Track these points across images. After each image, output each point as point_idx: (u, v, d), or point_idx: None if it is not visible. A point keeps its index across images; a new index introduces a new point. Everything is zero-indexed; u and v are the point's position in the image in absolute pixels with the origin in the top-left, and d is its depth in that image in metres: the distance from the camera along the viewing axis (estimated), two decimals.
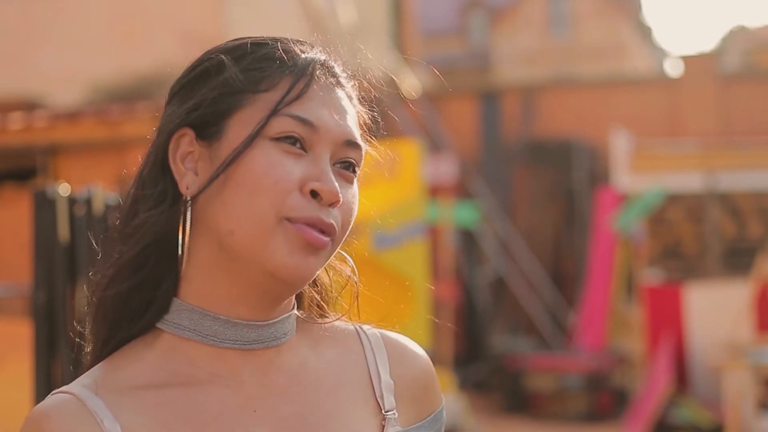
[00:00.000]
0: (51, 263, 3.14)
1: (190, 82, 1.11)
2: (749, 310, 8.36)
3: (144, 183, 1.09)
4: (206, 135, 1.07)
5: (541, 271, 13.45)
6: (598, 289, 11.19)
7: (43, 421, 1.02)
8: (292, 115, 1.05)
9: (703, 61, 14.59)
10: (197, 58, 1.13)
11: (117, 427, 1.01)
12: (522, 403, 10.38)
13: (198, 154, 1.07)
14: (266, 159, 1.03)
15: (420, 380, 1.18)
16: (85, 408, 1.02)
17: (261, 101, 1.05)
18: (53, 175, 6.95)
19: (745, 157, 10.60)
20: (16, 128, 7.30)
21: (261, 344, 1.08)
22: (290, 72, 1.07)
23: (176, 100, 1.11)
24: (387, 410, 1.13)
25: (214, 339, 1.07)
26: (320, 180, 1.04)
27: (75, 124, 7.14)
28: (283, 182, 1.03)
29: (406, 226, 6.08)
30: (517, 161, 14.29)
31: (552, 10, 28.96)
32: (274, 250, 1.03)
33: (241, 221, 1.03)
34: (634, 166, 10.52)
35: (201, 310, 1.07)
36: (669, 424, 8.31)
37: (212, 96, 1.07)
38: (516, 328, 13.33)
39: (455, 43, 30.42)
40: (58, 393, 1.05)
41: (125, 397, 1.04)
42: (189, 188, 1.07)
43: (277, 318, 1.09)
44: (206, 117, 1.07)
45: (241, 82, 1.06)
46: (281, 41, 1.11)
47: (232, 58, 1.09)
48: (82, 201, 3.17)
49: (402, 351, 1.19)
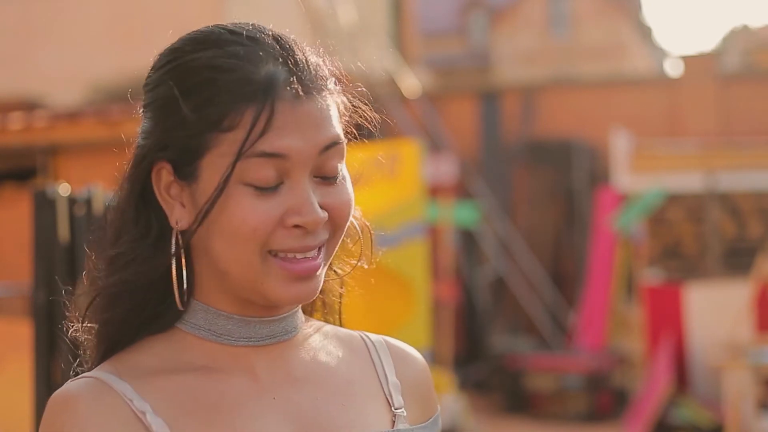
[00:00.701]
0: (51, 263, 3.14)
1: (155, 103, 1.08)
2: (749, 310, 8.36)
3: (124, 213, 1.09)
4: (183, 174, 1.06)
5: (541, 271, 13.44)
6: (598, 289, 11.19)
7: (71, 402, 1.01)
8: (261, 153, 1.02)
9: (703, 61, 14.58)
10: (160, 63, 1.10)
11: (147, 406, 1.02)
12: (522, 403, 10.38)
13: (180, 186, 1.07)
14: (242, 206, 1.02)
15: (422, 383, 1.22)
16: (113, 390, 1.02)
17: (226, 143, 1.02)
18: (53, 175, 6.95)
19: (745, 157, 10.59)
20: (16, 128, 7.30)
21: (273, 339, 1.10)
22: (252, 103, 1.02)
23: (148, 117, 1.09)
24: (397, 407, 1.15)
25: (228, 338, 1.09)
26: (300, 212, 1.03)
27: (75, 124, 7.13)
28: (261, 227, 1.03)
29: (406, 226, 6.08)
30: (517, 161, 14.28)
31: (552, 10, 28.96)
32: (269, 287, 1.05)
33: (231, 265, 1.05)
34: (634, 166, 10.52)
35: (215, 310, 1.09)
36: (669, 424, 8.31)
37: (176, 136, 1.05)
38: (516, 328, 13.32)
39: (455, 43, 30.41)
40: (81, 378, 1.05)
41: (147, 381, 1.05)
42: (179, 223, 1.07)
43: (286, 313, 1.11)
44: (178, 157, 1.05)
45: (202, 123, 1.03)
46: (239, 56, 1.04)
47: (188, 90, 1.04)
48: (82, 201, 3.16)
49: (404, 355, 1.22)
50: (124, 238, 1.08)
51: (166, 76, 1.07)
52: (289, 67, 1.05)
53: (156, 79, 1.09)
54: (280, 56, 1.06)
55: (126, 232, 1.08)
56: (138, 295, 1.09)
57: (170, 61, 1.08)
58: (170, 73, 1.07)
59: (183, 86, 1.05)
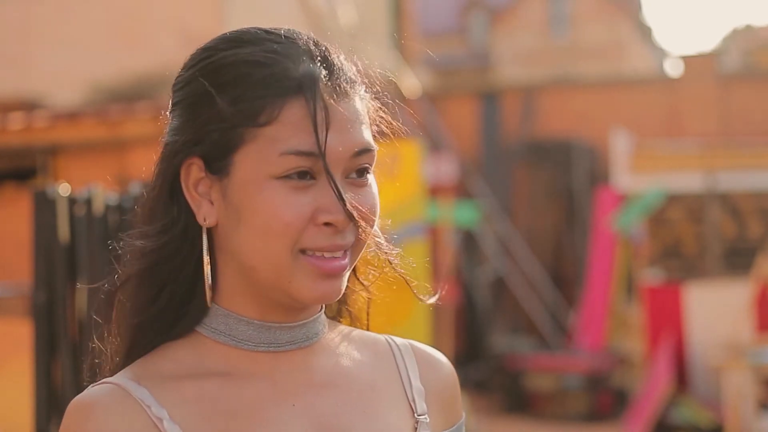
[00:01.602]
0: (51, 263, 3.14)
1: (188, 99, 1.08)
2: (749, 310, 8.36)
3: (154, 210, 1.09)
4: (214, 169, 1.06)
5: (541, 271, 13.44)
6: (598, 289, 11.19)
7: (90, 408, 1.01)
8: (296, 151, 1.02)
9: (703, 61, 14.58)
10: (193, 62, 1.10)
11: (164, 412, 1.02)
12: (522, 403, 10.38)
13: (210, 181, 1.07)
14: (275, 201, 1.02)
15: (448, 389, 1.21)
16: (131, 396, 1.02)
17: (262, 137, 1.03)
18: (53, 175, 6.95)
19: (745, 157, 10.59)
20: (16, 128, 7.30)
21: (294, 345, 1.10)
22: (289, 98, 1.03)
23: (177, 115, 1.09)
24: (419, 414, 1.14)
25: (248, 343, 1.09)
26: (331, 210, 1.03)
27: (75, 124, 7.13)
28: (294, 223, 1.03)
29: (406, 226, 6.07)
30: (517, 161, 14.28)
31: (552, 10, 28.96)
32: (297, 285, 1.04)
33: (259, 260, 1.04)
34: (634, 166, 10.52)
35: (235, 315, 1.09)
36: (669, 424, 8.31)
37: (211, 130, 1.05)
38: (516, 328, 13.32)
39: (455, 43, 30.41)
40: (100, 383, 1.05)
41: (166, 387, 1.04)
42: (207, 219, 1.07)
43: (308, 319, 1.11)
44: (211, 151, 1.05)
45: (238, 117, 1.03)
46: (276, 53, 1.05)
47: (223, 84, 1.04)
48: (82, 201, 3.16)
49: (430, 360, 1.21)
50: (151, 231, 1.08)
51: (200, 72, 1.07)
52: (327, 67, 1.06)
53: (188, 77, 1.09)
54: (317, 56, 1.06)
55: (153, 226, 1.08)
56: (161, 289, 1.09)
57: (204, 58, 1.08)
58: (204, 69, 1.07)
59: (218, 81, 1.05)
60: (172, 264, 1.08)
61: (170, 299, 1.09)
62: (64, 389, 3.13)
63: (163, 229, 1.08)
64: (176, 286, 1.09)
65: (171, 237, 1.07)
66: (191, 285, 1.09)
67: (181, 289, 1.09)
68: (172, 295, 1.09)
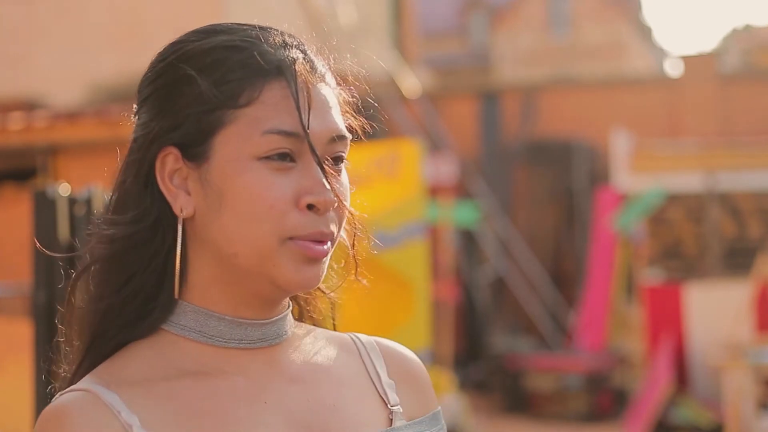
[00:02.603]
0: (51, 263, 3.14)
1: (161, 90, 1.07)
2: (749, 310, 8.36)
3: (124, 200, 1.08)
4: (192, 155, 1.05)
5: (541, 271, 13.44)
6: (598, 289, 11.19)
7: (62, 417, 1.01)
8: (278, 130, 1.02)
9: (703, 61, 14.58)
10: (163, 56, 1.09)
11: (135, 419, 1.01)
12: (522, 403, 10.38)
13: (186, 172, 1.06)
14: (258, 182, 1.02)
15: (416, 380, 1.20)
16: (101, 401, 1.01)
17: (243, 117, 1.03)
18: (53, 175, 6.95)
19: (745, 157, 10.59)
20: (16, 128, 7.30)
21: (265, 342, 1.09)
22: (269, 80, 1.03)
23: (149, 109, 1.08)
24: (393, 405, 1.14)
25: (219, 339, 1.07)
26: (313, 192, 1.03)
27: (75, 124, 7.13)
28: (278, 205, 1.02)
29: (406, 226, 6.08)
30: (517, 161, 14.28)
31: (552, 10, 28.97)
32: (280, 269, 1.04)
33: (243, 244, 1.03)
34: (634, 166, 10.52)
35: (206, 311, 1.07)
36: (669, 424, 8.31)
37: (190, 114, 1.04)
38: (516, 328, 13.32)
39: (455, 43, 30.42)
40: (70, 390, 1.04)
41: (136, 390, 1.03)
42: (184, 210, 1.06)
43: (278, 316, 1.10)
44: (189, 137, 1.04)
45: (219, 98, 1.03)
46: (252, 39, 1.06)
47: (202, 68, 1.04)
48: (82, 201, 3.16)
49: (396, 354, 1.21)
50: (121, 219, 1.07)
51: (176, 61, 1.06)
52: (303, 52, 1.07)
53: (159, 69, 1.08)
54: (292, 42, 1.08)
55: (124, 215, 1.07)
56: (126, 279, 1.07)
57: (177, 50, 1.08)
58: (181, 57, 1.06)
59: (196, 65, 1.05)
60: (140, 254, 1.06)
61: (136, 292, 1.07)
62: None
63: (134, 219, 1.06)
64: (143, 278, 1.07)
65: (142, 227, 1.06)
66: (158, 281, 1.08)
67: (147, 282, 1.07)
68: (138, 288, 1.07)
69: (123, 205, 1.08)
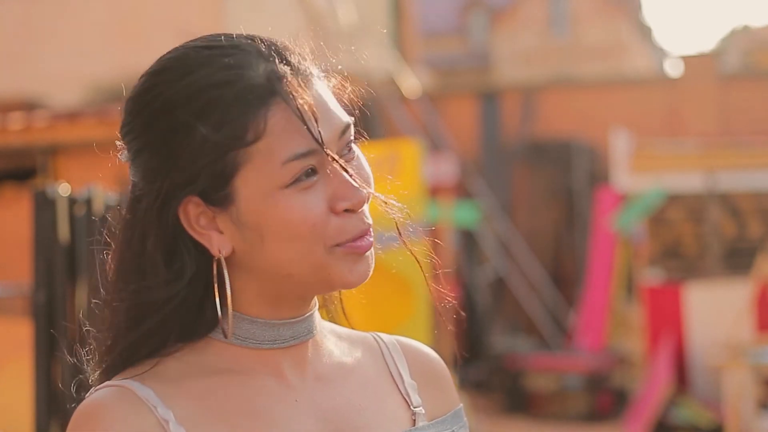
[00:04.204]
0: (51, 263, 3.14)
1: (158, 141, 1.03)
2: (749, 310, 8.36)
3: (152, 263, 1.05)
4: (215, 201, 1.03)
5: (541, 271, 13.44)
6: (598, 289, 11.19)
7: (97, 411, 1.01)
8: (296, 156, 1.01)
9: (703, 61, 14.58)
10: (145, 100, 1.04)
11: (170, 414, 1.01)
12: (522, 403, 10.37)
13: (211, 213, 1.04)
14: (293, 208, 1.02)
15: (438, 379, 1.22)
16: (137, 396, 1.01)
17: (256, 154, 1.01)
18: (53, 175, 6.95)
19: (745, 157, 10.58)
20: (16, 128, 7.30)
21: (296, 340, 1.10)
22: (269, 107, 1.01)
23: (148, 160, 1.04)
24: (415, 406, 1.16)
25: (252, 341, 1.08)
26: (347, 197, 1.04)
27: (75, 124, 7.13)
28: (319, 221, 1.03)
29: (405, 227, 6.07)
30: (517, 161, 14.28)
31: (552, 10, 28.96)
32: (334, 274, 1.05)
33: (294, 266, 1.04)
34: (634, 166, 10.51)
35: (239, 314, 1.08)
36: (669, 424, 8.30)
37: (203, 164, 1.01)
38: (516, 328, 13.32)
39: (455, 43, 30.42)
40: (105, 386, 1.04)
41: (171, 386, 1.04)
42: (222, 250, 1.05)
43: (309, 312, 1.11)
44: (208, 186, 1.02)
45: (226, 141, 1.00)
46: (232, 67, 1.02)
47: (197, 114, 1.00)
48: (82, 201, 3.16)
49: (418, 354, 1.22)
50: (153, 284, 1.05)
51: (163, 110, 1.02)
52: (284, 62, 1.04)
53: (147, 118, 1.04)
54: (267, 54, 1.04)
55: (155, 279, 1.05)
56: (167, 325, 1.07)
57: (158, 95, 1.03)
58: (166, 106, 1.02)
59: (191, 111, 1.01)
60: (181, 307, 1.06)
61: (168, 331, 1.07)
62: (64, 389, 3.13)
63: (173, 278, 1.05)
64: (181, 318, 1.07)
65: (182, 285, 1.05)
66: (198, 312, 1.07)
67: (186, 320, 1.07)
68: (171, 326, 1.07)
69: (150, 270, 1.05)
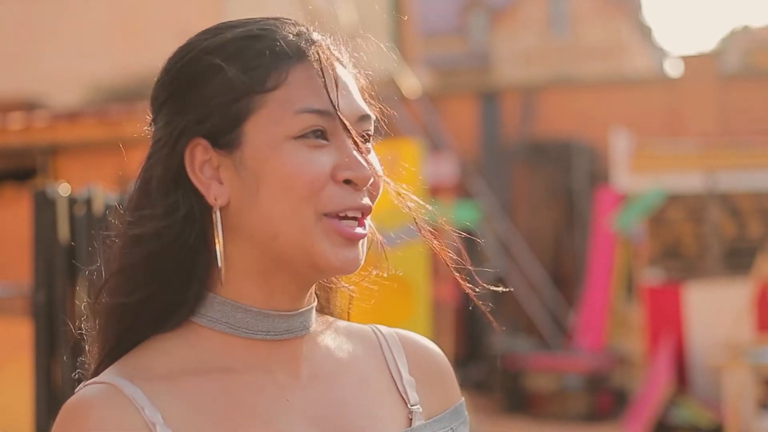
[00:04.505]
0: (51, 263, 3.14)
1: (180, 89, 1.06)
2: (749, 310, 8.36)
3: (151, 197, 1.06)
4: (223, 144, 1.04)
5: (541, 271, 13.44)
6: (598, 289, 11.19)
7: (83, 410, 1.00)
8: (311, 109, 1.03)
9: (703, 61, 14.58)
10: (177, 59, 1.08)
11: (158, 416, 1.00)
12: (522, 403, 10.38)
13: (217, 161, 1.05)
14: (296, 160, 1.02)
15: (438, 374, 1.21)
16: (124, 396, 1.00)
17: (272, 101, 1.03)
18: (53, 175, 6.95)
19: (745, 157, 10.59)
20: (16, 128, 7.30)
21: (291, 334, 1.08)
22: (294, 63, 1.04)
23: (170, 108, 1.07)
24: (412, 404, 1.14)
25: (246, 330, 1.07)
26: (351, 167, 1.04)
27: (75, 124, 7.14)
28: (317, 179, 1.03)
29: (405, 227, 6.09)
30: (517, 161, 14.28)
31: (552, 10, 28.97)
32: (320, 249, 1.03)
33: (283, 224, 1.03)
34: (634, 166, 10.52)
35: (233, 302, 1.07)
36: (669, 424, 8.31)
37: (218, 103, 1.04)
38: (516, 328, 13.32)
39: (455, 43, 30.42)
40: (93, 383, 1.03)
41: (160, 385, 1.02)
42: (218, 199, 1.05)
43: (305, 307, 1.10)
44: (218, 126, 1.04)
45: (247, 84, 1.03)
46: (270, 26, 1.07)
47: (227, 57, 1.05)
48: (82, 201, 3.16)
49: (418, 348, 1.21)
50: (147, 215, 1.05)
51: (196, 57, 1.06)
52: (320, 36, 1.09)
53: (179, 69, 1.07)
54: (309, 29, 1.09)
55: (151, 211, 1.05)
56: (158, 276, 1.06)
57: (193, 48, 1.07)
58: (200, 53, 1.06)
59: (220, 55, 1.05)
60: (169, 250, 1.05)
61: (163, 287, 1.06)
62: (64, 389, 3.13)
63: (164, 212, 1.05)
64: (171, 274, 1.06)
65: (172, 221, 1.04)
66: (186, 275, 1.06)
67: (175, 277, 1.06)
68: (166, 283, 1.06)
69: (148, 203, 1.06)
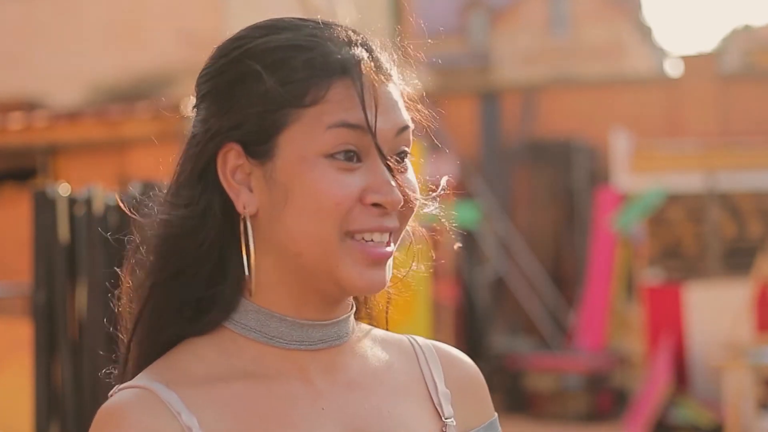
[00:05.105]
0: (51, 263, 3.14)
1: (224, 86, 1.06)
2: (749, 310, 8.36)
3: (179, 191, 1.07)
4: (255, 153, 1.04)
5: (541, 271, 13.44)
6: (598, 289, 11.19)
7: (119, 415, 0.99)
8: (342, 123, 1.01)
9: (703, 61, 14.59)
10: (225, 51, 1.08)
11: (194, 420, 0.99)
12: (522, 403, 10.38)
13: (249, 168, 1.04)
14: (325, 179, 1.01)
15: (473, 390, 1.19)
16: (160, 400, 1.00)
17: (307, 116, 1.02)
18: (53, 175, 6.95)
19: (745, 157, 10.59)
20: (16, 128, 7.30)
21: (325, 344, 1.08)
22: (334, 80, 1.03)
23: (210, 104, 1.07)
24: (447, 417, 1.13)
25: (280, 340, 1.06)
26: (381, 191, 1.03)
27: (75, 124, 7.14)
28: (345, 202, 1.01)
29: None
30: (517, 161, 14.28)
31: (552, 10, 28.95)
32: (344, 270, 1.02)
33: (307, 244, 1.02)
34: (634, 166, 10.52)
35: (267, 311, 1.06)
36: (669, 424, 8.31)
37: (254, 112, 1.03)
38: (516, 328, 13.32)
39: (455, 43, 30.40)
40: (129, 387, 1.02)
41: (195, 390, 1.02)
42: (247, 207, 1.04)
43: (339, 317, 1.09)
44: (253, 135, 1.03)
45: (284, 97, 1.02)
46: (317, 37, 1.05)
47: (267, 65, 1.03)
48: (82, 201, 3.16)
49: (454, 361, 1.20)
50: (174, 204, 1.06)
51: (240, 57, 1.05)
52: (367, 50, 1.06)
53: (221, 65, 1.07)
54: (356, 40, 1.07)
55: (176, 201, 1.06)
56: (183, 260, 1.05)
57: (239, 46, 1.07)
58: (244, 55, 1.05)
59: (261, 63, 1.04)
60: (191, 241, 1.05)
61: (188, 281, 1.06)
62: (64, 389, 3.13)
63: (185, 203, 1.05)
64: (195, 268, 1.06)
65: (191, 213, 1.05)
66: (213, 275, 1.06)
67: (200, 273, 1.06)
68: (191, 277, 1.06)
69: (177, 195, 1.07)
